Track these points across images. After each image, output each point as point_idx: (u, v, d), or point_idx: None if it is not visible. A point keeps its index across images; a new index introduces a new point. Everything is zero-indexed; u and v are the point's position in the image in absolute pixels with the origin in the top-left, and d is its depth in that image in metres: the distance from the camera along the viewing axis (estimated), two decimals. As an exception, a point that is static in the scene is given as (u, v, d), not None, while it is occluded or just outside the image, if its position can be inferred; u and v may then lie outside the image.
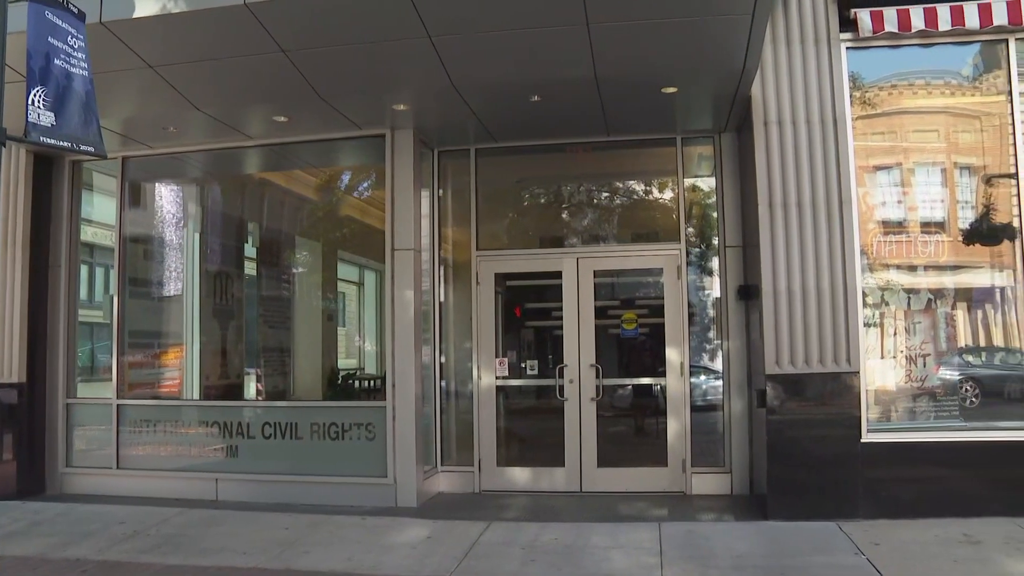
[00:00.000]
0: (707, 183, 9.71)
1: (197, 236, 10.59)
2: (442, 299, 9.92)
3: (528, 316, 10.04)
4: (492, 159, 9.93)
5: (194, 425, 9.55)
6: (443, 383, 9.81)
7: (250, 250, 10.70)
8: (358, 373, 10.31)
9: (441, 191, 9.95)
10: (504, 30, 6.79)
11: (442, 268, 9.95)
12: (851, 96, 8.30)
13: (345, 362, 10.49)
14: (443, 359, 9.83)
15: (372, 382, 9.94)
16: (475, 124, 9.02)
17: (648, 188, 10.31)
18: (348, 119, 8.80)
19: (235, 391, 10.13)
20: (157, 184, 10.63)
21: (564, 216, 10.34)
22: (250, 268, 10.58)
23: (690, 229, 9.60)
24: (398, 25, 6.66)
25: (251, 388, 10.01)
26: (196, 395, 10.10)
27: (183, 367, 10.15)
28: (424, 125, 9.15)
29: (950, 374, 8.46)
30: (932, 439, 8.01)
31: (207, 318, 10.19)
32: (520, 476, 9.57)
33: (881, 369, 8.38)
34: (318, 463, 9.10)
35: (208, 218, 10.63)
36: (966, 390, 8.46)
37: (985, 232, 8.43)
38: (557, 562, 6.71)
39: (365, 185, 10.47)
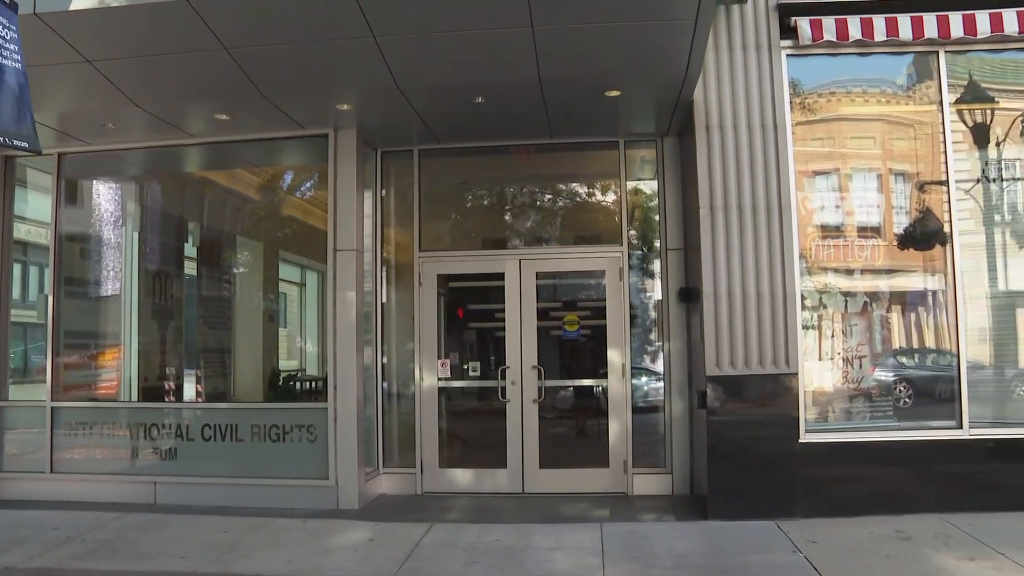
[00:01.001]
0: (649, 186, 9.80)
1: (136, 235, 10.38)
2: (384, 300, 9.87)
3: (471, 317, 10.02)
4: (435, 160, 9.91)
5: (132, 427, 9.35)
6: (385, 384, 9.76)
7: (190, 249, 10.55)
8: (299, 374, 10.22)
9: (384, 192, 9.90)
10: (449, 31, 6.78)
11: (384, 269, 9.90)
12: (791, 102, 8.45)
13: (286, 363, 10.40)
14: (385, 360, 9.78)
15: (313, 383, 9.86)
16: (419, 125, 8.99)
17: (591, 191, 10.38)
18: (291, 118, 8.72)
19: (174, 393, 9.96)
20: (95, 181, 10.41)
21: (507, 218, 10.36)
22: (190, 268, 10.42)
23: (632, 232, 9.68)
24: (343, 24, 6.61)
25: (191, 390, 9.86)
26: (134, 397, 9.90)
27: (120, 368, 9.96)
28: (368, 125, 9.10)
29: (885, 375, 8.66)
30: (868, 439, 8.20)
31: (145, 318, 10.01)
32: (462, 478, 9.56)
33: (819, 370, 8.55)
34: (259, 465, 8.99)
35: (147, 217, 10.45)
36: (900, 391, 8.67)
37: (919, 237, 8.64)
38: (499, 563, 6.73)
39: (308, 185, 10.40)
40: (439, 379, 9.64)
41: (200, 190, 10.45)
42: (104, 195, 10.42)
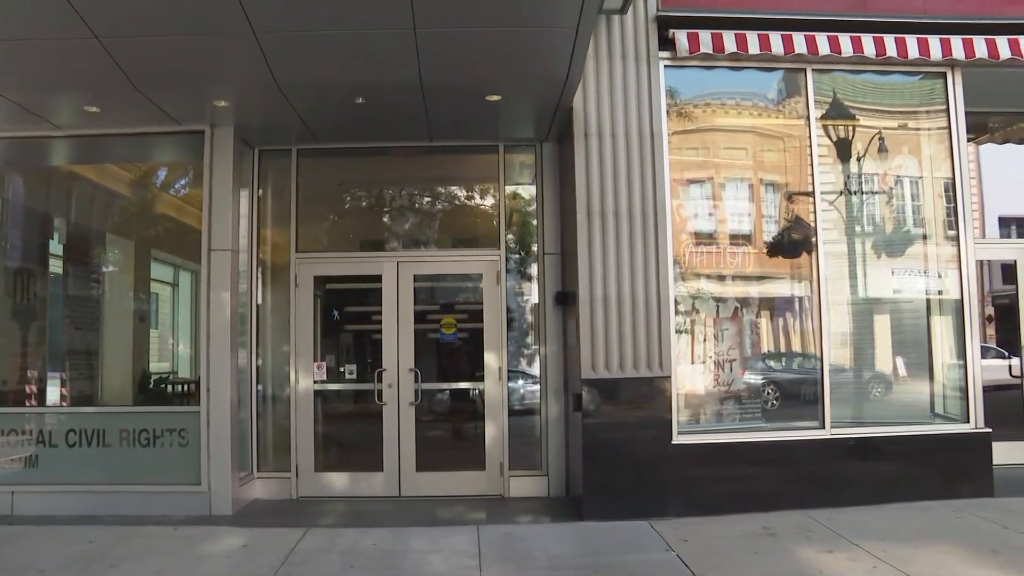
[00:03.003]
0: (528, 191, 9.88)
1: (-6, 231, 9.91)
2: (260, 301, 9.67)
3: (348, 320, 9.89)
4: (314, 160, 9.77)
5: (-14, 434, 8.90)
6: (260, 387, 9.56)
7: (56, 247, 10.08)
8: (171, 377, 9.90)
9: (261, 191, 9.70)
10: (331, 30, 6.68)
11: (260, 270, 9.69)
12: (667, 112, 8.66)
13: (157, 365, 10.05)
14: (260, 363, 9.57)
15: (186, 386, 9.57)
16: (298, 124, 8.85)
17: (470, 194, 10.41)
18: (165, 113, 8.45)
19: (36, 396, 9.50)
20: (-51, 173, 9.89)
21: (385, 220, 10.29)
22: (55, 266, 9.96)
23: (510, 236, 9.73)
24: (221, 18, 6.42)
25: (54, 393, 9.43)
26: (-10, 401, 9.42)
27: (-25, 371, 9.46)
28: (245, 123, 8.90)
29: (754, 378, 8.99)
30: (737, 439, 8.49)
31: (5, 318, 9.51)
32: (338, 481, 9.44)
33: (691, 373, 8.79)
34: (127, 472, 8.65)
35: (8, 211, 9.91)
36: (768, 393, 9.01)
37: (787, 245, 9.00)
38: (376, 567, 6.69)
39: (182, 182, 10.09)
40: (315, 382, 9.50)
41: (67, 185, 10.01)
42: (-41, 188, 9.89)
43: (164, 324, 10.28)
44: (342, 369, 9.67)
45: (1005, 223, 11.39)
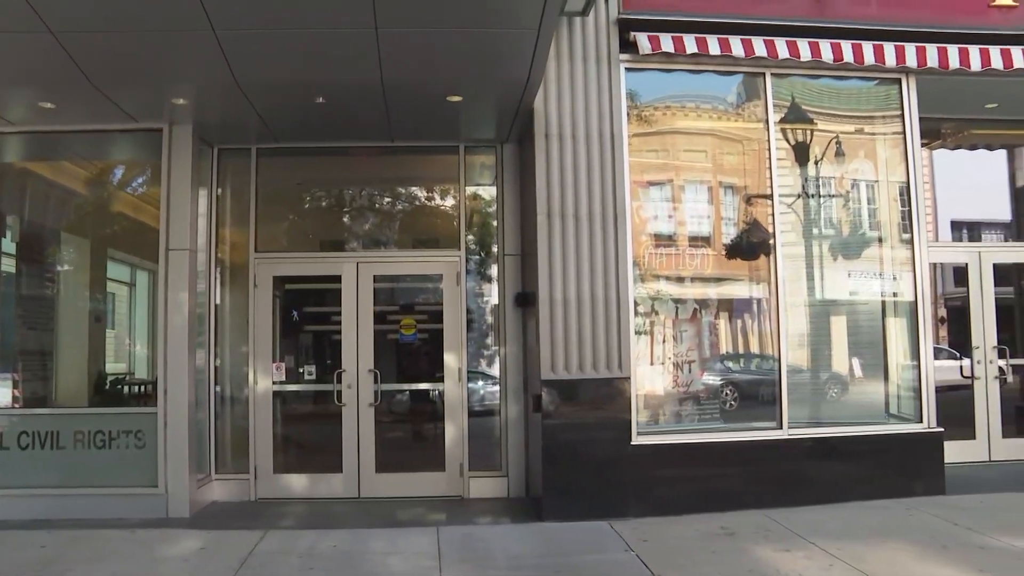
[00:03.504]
0: (488, 192, 9.90)
1: (-58, 229, 9.69)
2: (218, 301, 9.57)
3: (307, 320, 9.83)
4: (274, 159, 9.69)
5: (-64, 436, 8.70)
6: (218, 388, 9.46)
7: (8, 245, 9.90)
8: (128, 378, 9.76)
9: (220, 190, 9.61)
10: (292, 29, 6.62)
11: (219, 270, 9.60)
12: (628, 114, 8.71)
13: (114, 366, 9.89)
14: (218, 363, 9.48)
15: (143, 387, 9.43)
16: (257, 123, 8.77)
17: (430, 195, 10.40)
18: (123, 110, 8.33)
19: (-13, 398, 9.34)
20: None
21: (345, 220, 10.25)
22: (8, 264, 9.79)
23: (470, 237, 9.73)
24: (180, 15, 6.32)
25: (6, 394, 9.25)
26: (-62, 403, 9.21)
27: (-78, 373, 9.25)
28: (204, 121, 8.81)
29: (713, 379, 9.08)
30: (696, 440, 8.56)
31: (-47, 318, 9.36)
32: (297, 483, 9.37)
33: (650, 374, 8.84)
34: (82, 474, 8.50)
35: (-41, 209, 9.76)
36: (726, 394, 9.10)
37: (745, 247, 9.10)
38: (336, 569, 6.66)
39: (140, 181, 9.96)
40: (274, 382, 9.43)
41: (21, 182, 9.81)
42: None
43: (121, 324, 10.12)
44: (301, 370, 9.62)
45: (957, 227, 11.60)
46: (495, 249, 9.65)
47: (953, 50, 8.88)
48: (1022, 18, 9.14)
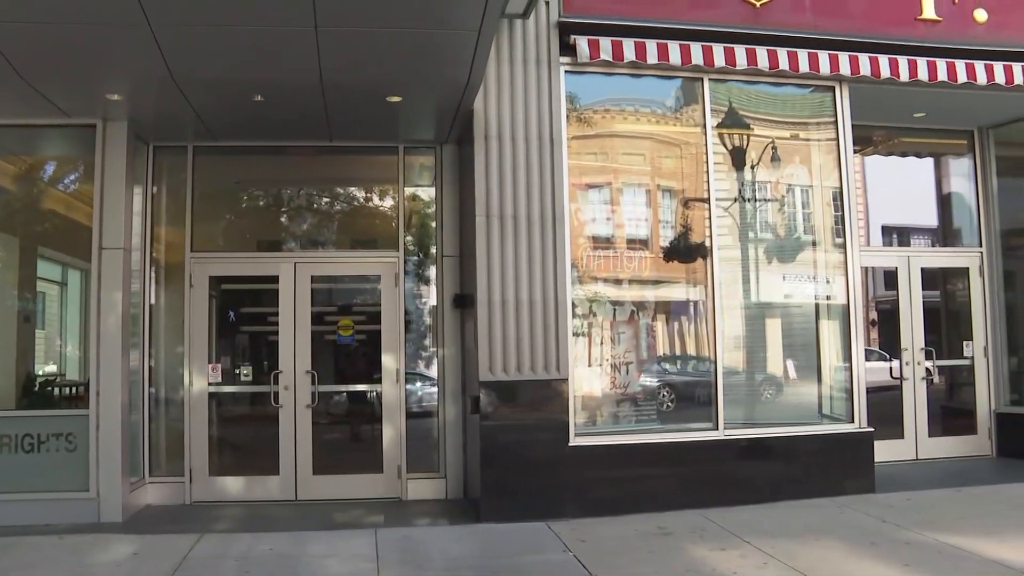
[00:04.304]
0: (427, 193, 9.88)
1: None
2: (153, 301, 9.40)
3: (244, 321, 9.71)
4: (211, 158, 9.55)
5: None
6: (152, 390, 9.29)
7: (-67, 243, 9.65)
8: (58, 379, 9.54)
9: (155, 188, 9.44)
10: (230, 25, 6.49)
11: (154, 269, 9.43)
12: (567, 116, 8.75)
13: (44, 367, 9.67)
14: (153, 364, 9.32)
15: (74, 389, 9.22)
16: (195, 120, 8.63)
17: (369, 195, 10.37)
18: (54, 105, 8.12)
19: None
20: None
21: (283, 220, 10.15)
22: (-68, 263, 9.53)
23: (409, 238, 9.71)
24: (114, 8, 6.15)
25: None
26: None
27: None
28: (140, 118, 8.65)
29: (650, 380, 9.16)
30: (633, 441, 8.61)
31: None
32: (233, 486, 9.25)
33: (588, 376, 8.90)
34: (9, 479, 8.23)
35: None
36: (663, 395, 9.19)
37: (682, 250, 9.20)
38: (273, 572, 6.59)
39: (72, 177, 9.72)
40: (210, 384, 9.28)
41: (-56, 178, 9.58)
42: None
43: (51, 324, 9.86)
44: (238, 371, 9.50)
45: (888, 232, 11.90)
46: (434, 250, 9.64)
47: (884, 60, 9.11)
48: (945, 32, 9.43)
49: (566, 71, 8.72)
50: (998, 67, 9.35)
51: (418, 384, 9.81)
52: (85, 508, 8.25)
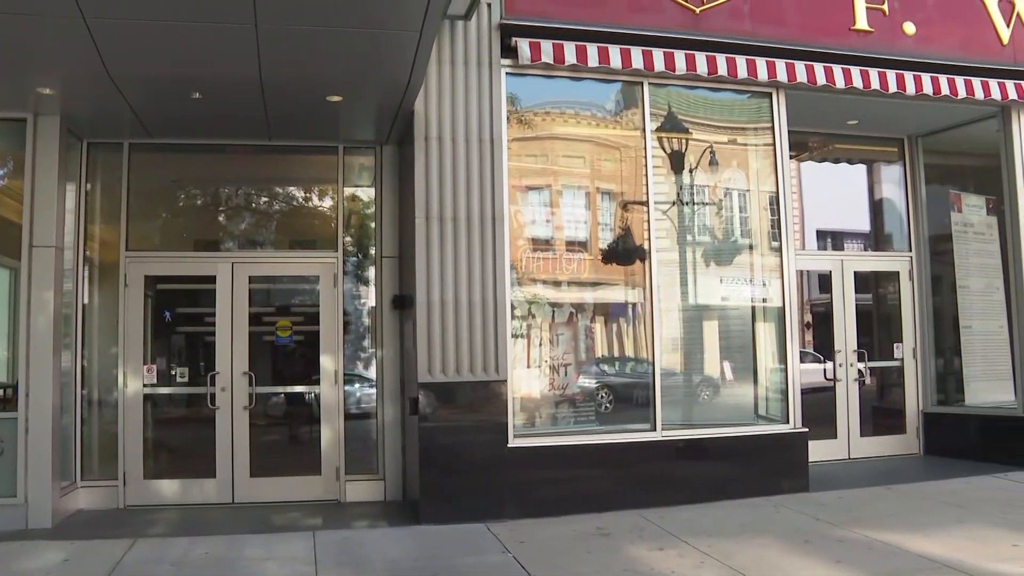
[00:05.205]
0: (367, 193, 9.84)
1: None
2: (86, 301, 9.21)
3: (180, 321, 9.57)
4: (147, 155, 9.40)
5: None
6: (85, 392, 9.10)
7: None
8: (-15, 381, 9.34)
9: (89, 186, 9.25)
10: (169, 21, 6.38)
11: (87, 268, 9.24)
12: (508, 118, 8.76)
13: (-31, 370, 9.45)
14: (86, 365, 9.13)
15: (2, 391, 9.02)
16: (131, 117, 8.48)
17: (308, 195, 10.29)
18: (-18, 97, 7.98)
19: None
20: None
21: (221, 219, 10.00)
22: None
23: (348, 238, 9.68)
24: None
25: None
26: None
27: None
28: (73, 113, 8.46)
29: (588, 382, 9.22)
30: (572, 442, 8.65)
31: None
32: (169, 489, 9.10)
33: (527, 377, 8.93)
34: (-68, 486, 8.09)
35: None
36: (602, 396, 9.25)
37: (621, 253, 9.27)
38: (209, 577, 6.51)
39: (0, 173, 9.53)
40: (145, 385, 9.12)
41: None
42: None
43: (-23, 324, 9.67)
44: (174, 372, 9.35)
45: (822, 236, 12.17)
46: (373, 251, 9.59)
47: (819, 68, 9.29)
48: (877, 43, 9.70)
49: (507, 73, 8.72)
50: (926, 78, 9.64)
51: (357, 385, 9.76)
52: (12, 514, 8.03)
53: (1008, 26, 10.21)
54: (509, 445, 8.38)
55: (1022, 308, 10.27)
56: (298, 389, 9.66)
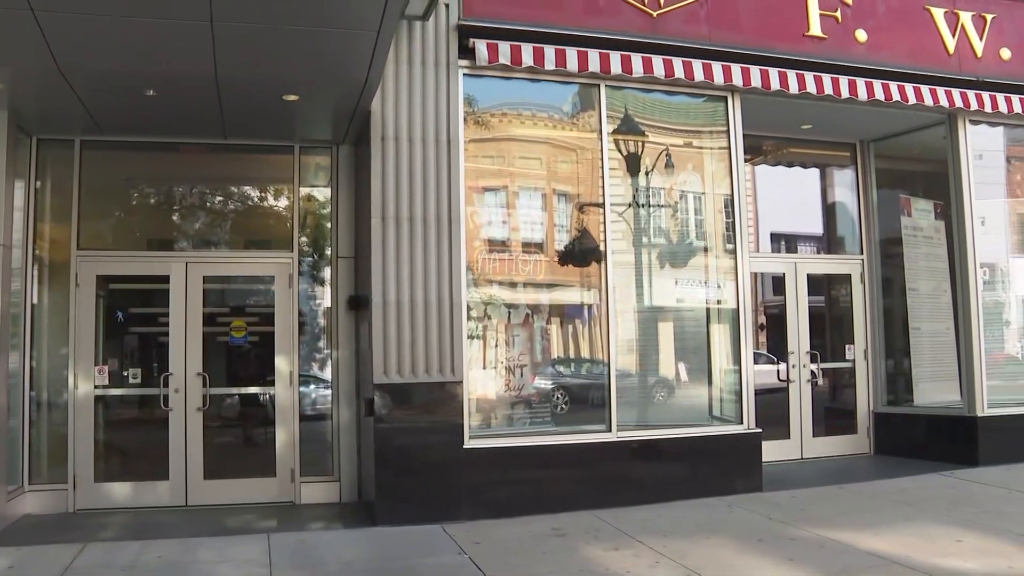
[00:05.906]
0: (323, 193, 9.80)
1: None
2: (35, 301, 9.04)
3: (133, 322, 9.46)
4: (99, 153, 9.26)
5: None
6: (33, 393, 8.91)
7: None
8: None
9: (39, 183, 9.09)
10: (122, 16, 6.28)
11: (37, 267, 9.07)
12: (465, 119, 8.76)
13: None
14: (35, 366, 8.96)
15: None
16: (82, 113, 8.33)
17: (264, 195, 10.22)
18: (-74, 95, 7.80)
19: None
20: None
21: (175, 219, 9.89)
22: None
23: (304, 238, 9.63)
24: (-5, -9, 5.97)
25: None
26: None
27: None
28: (22, 109, 8.29)
29: (544, 383, 9.25)
30: (527, 443, 8.67)
31: None
32: (120, 492, 8.97)
33: (483, 379, 8.94)
34: None
35: None
36: (558, 397, 9.28)
37: (577, 254, 9.31)
38: (161, 581, 6.43)
39: (-54, 170, 9.36)
40: (96, 387, 8.98)
41: None
42: None
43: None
44: (126, 373, 9.24)
45: (776, 239, 12.31)
46: (329, 251, 9.56)
47: (774, 73, 9.41)
48: (830, 49, 9.86)
49: (464, 74, 8.73)
50: (877, 85, 9.81)
51: (312, 386, 9.72)
52: (-45, 521, 7.89)
53: (953, 36, 10.44)
54: (465, 446, 8.37)
55: (968, 311, 10.47)
56: (252, 390, 9.58)
